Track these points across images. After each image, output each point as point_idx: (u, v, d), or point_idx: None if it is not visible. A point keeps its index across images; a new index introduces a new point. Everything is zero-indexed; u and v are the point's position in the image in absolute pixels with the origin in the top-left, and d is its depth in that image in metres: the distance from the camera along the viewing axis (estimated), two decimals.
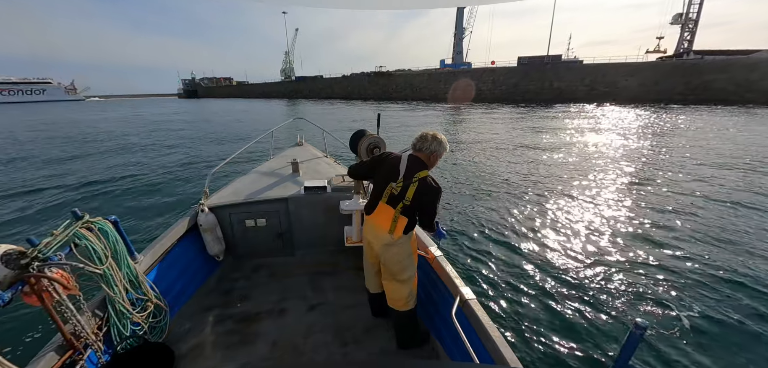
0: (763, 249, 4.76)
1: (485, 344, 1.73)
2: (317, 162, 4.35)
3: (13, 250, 1.49)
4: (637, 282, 4.05)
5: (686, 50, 52.36)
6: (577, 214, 6.11)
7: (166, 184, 8.52)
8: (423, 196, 2.01)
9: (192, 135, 18.77)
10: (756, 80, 33.10)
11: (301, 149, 4.84)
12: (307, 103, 57.33)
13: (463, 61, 70.49)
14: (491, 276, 4.20)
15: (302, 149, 4.85)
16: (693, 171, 8.92)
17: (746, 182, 7.86)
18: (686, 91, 36.13)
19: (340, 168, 4.22)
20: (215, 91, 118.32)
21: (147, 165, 10.58)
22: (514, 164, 9.99)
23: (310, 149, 4.92)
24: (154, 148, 13.57)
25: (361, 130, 2.77)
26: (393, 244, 2.13)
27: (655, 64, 40.84)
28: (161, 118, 32.67)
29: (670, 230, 5.40)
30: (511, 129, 18.09)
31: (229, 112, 38.98)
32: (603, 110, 29.35)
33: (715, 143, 12.84)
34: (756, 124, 18.40)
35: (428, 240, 2.63)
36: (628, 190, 7.47)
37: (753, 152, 11.02)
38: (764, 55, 37.01)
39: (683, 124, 18.60)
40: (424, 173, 2.02)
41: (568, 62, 47.78)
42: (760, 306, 3.61)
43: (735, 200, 6.65)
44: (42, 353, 1.64)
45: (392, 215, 2.06)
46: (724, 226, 5.50)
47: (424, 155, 2.07)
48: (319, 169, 4.05)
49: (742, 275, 4.12)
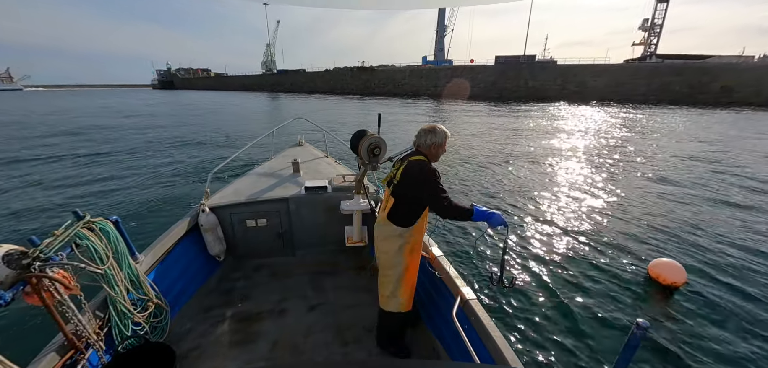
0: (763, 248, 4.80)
1: (486, 344, 1.71)
2: (318, 162, 4.30)
3: (15, 250, 1.45)
4: (638, 282, 3.97)
5: (650, 54, 55.34)
6: (577, 214, 6.02)
7: (167, 183, 8.27)
8: (410, 175, 1.92)
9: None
10: (707, 82, 35.57)
11: (302, 149, 4.79)
12: (288, 97, 56.15)
13: (444, 58, 71.22)
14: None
15: (303, 149, 4.79)
16: (688, 169, 9.27)
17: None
18: (647, 92, 38.26)
19: (340, 168, 4.18)
20: (193, 83, 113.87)
21: (147, 164, 10.29)
22: (511, 162, 10.12)
23: (310, 149, 4.86)
24: (154, 148, 13.17)
25: (361, 130, 2.74)
26: (382, 229, 2.10)
27: (621, 67, 42.88)
28: (107, 112, 30.15)
29: (669, 230, 5.34)
30: (501, 126, 18.48)
31: (205, 102, 37.59)
32: (578, 110, 30.04)
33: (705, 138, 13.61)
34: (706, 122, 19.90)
35: (429, 240, 2.56)
36: (626, 189, 7.46)
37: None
38: (715, 61, 39.79)
39: (652, 123, 19.76)
40: (416, 157, 1.98)
41: (542, 62, 49.28)
42: (760, 307, 3.57)
43: (734, 201, 6.70)
44: (43, 353, 1.60)
45: (386, 196, 2.13)
46: (718, 226, 5.49)
47: (424, 150, 2.01)
48: (319, 169, 4.01)
49: (743, 274, 4.16)
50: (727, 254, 4.72)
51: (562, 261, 4.46)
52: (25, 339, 2.99)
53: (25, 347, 2.81)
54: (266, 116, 26.93)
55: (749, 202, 6.79)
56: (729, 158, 10.77)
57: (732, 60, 39.90)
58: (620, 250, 4.78)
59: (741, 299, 3.76)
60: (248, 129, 18.27)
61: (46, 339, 1.67)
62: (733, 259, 4.58)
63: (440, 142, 1.99)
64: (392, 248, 2.06)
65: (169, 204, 6.78)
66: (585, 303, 3.62)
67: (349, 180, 3.30)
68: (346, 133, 16.05)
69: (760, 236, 5.28)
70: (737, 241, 5.09)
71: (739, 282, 4.05)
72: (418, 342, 2.39)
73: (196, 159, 10.86)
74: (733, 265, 4.44)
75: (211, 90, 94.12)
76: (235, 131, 17.26)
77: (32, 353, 1.61)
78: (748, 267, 4.40)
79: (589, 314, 3.45)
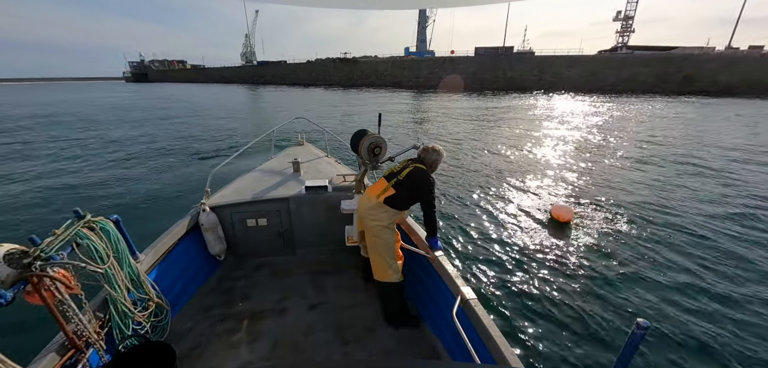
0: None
1: (486, 344, 1.69)
2: (318, 161, 4.26)
3: (16, 249, 1.42)
4: (639, 281, 3.96)
5: (622, 45, 57.35)
6: (578, 214, 5.90)
7: (167, 183, 8.05)
8: (415, 180, 2.26)
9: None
10: (672, 73, 37.39)
11: (302, 149, 4.72)
12: (270, 88, 54.73)
13: (426, 49, 71.11)
14: (491, 276, 4.06)
15: (303, 149, 4.73)
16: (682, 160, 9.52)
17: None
18: (616, 82, 39.82)
19: (341, 167, 4.14)
20: (168, 75, 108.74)
21: (148, 165, 10.01)
22: (504, 157, 10.08)
23: (311, 149, 4.80)
24: (155, 148, 12.74)
25: (362, 129, 2.75)
26: (374, 208, 2.28)
27: (593, 57, 44.32)
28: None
29: (670, 229, 5.31)
30: (476, 117, 18.82)
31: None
32: (550, 102, 30.37)
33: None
34: (675, 108, 21.25)
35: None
36: (625, 188, 7.38)
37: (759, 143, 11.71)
38: (679, 52, 41.79)
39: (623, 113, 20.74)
40: (420, 166, 2.31)
41: (520, 53, 50.21)
42: (761, 306, 3.58)
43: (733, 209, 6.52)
44: (44, 352, 1.58)
45: (384, 185, 2.32)
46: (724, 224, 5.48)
47: (427, 162, 2.38)
48: (320, 169, 3.97)
49: (614, 211, 4.73)
50: (607, 197, 6.56)
51: (563, 261, 4.40)
52: (25, 339, 2.91)
53: (25, 346, 2.77)
54: (246, 107, 26.56)
55: (634, 165, 8.68)
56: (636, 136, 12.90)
57: (694, 51, 42.03)
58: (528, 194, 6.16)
59: (609, 226, 5.35)
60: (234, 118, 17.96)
61: (46, 339, 1.64)
62: (611, 199, 6.42)
63: (440, 159, 2.41)
64: (382, 221, 2.28)
65: (170, 203, 6.64)
66: (586, 303, 3.59)
67: (350, 179, 3.28)
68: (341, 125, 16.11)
69: (629, 183, 7.27)
70: (618, 189, 6.99)
71: (611, 215, 5.68)
72: (418, 342, 2.37)
73: (196, 158, 10.63)
74: (612, 203, 6.23)
75: (189, 82, 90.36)
76: (220, 126, 16.88)
77: (33, 352, 1.58)
78: (619, 204, 6.13)
79: (590, 314, 3.41)
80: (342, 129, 14.83)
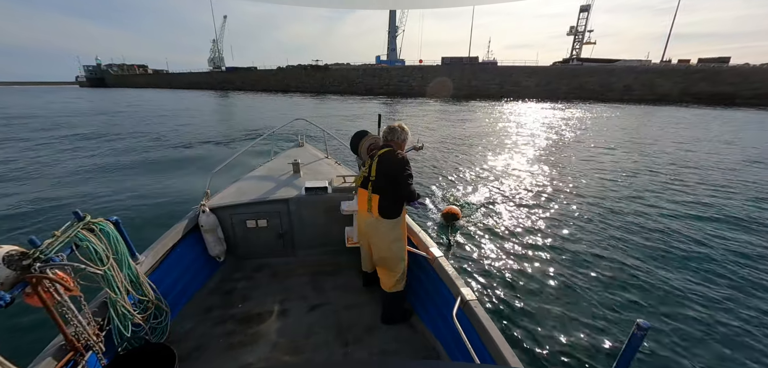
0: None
1: (486, 344, 1.67)
2: (318, 163, 4.20)
3: (15, 251, 1.35)
4: (640, 281, 3.92)
5: (574, 57, 61.90)
6: (578, 213, 5.91)
7: (167, 184, 7.64)
8: (386, 168, 2.13)
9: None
10: (613, 83, 41.04)
11: (302, 150, 4.65)
12: (240, 95, 52.73)
13: (397, 58, 72.22)
14: (491, 276, 4.02)
15: (303, 150, 4.66)
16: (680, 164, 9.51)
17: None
18: (568, 91, 42.92)
19: (341, 169, 4.09)
20: (128, 80, 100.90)
21: (148, 164, 9.52)
22: (501, 158, 10.33)
23: (310, 150, 4.72)
24: (155, 147, 12.03)
25: (362, 130, 2.71)
26: (377, 224, 2.21)
27: (547, 68, 47.39)
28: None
29: (670, 229, 5.30)
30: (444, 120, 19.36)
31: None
32: (505, 107, 31.23)
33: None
34: (615, 116, 23.03)
35: (428, 240, 2.61)
36: (623, 189, 7.42)
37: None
38: (620, 64, 45.88)
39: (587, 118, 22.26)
40: (384, 149, 2.17)
41: (483, 63, 52.41)
42: (762, 306, 3.56)
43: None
44: (43, 354, 1.51)
45: (366, 196, 2.23)
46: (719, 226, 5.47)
47: (393, 143, 2.27)
48: (320, 170, 3.91)
49: (742, 274, 4.13)
50: (607, 197, 6.78)
51: (563, 261, 4.34)
52: (25, 341, 2.79)
53: (25, 348, 2.66)
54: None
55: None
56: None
57: (634, 63, 46.32)
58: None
59: (492, 218, 5.66)
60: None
61: (45, 341, 1.57)
62: (611, 199, 6.62)
63: (406, 136, 2.31)
64: (389, 238, 2.22)
65: (170, 204, 6.33)
66: (586, 303, 3.56)
67: (350, 180, 3.25)
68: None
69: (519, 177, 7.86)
70: (618, 189, 7.18)
71: (492, 209, 6.04)
72: (418, 342, 2.33)
73: (196, 159, 10.19)
74: (612, 203, 6.40)
75: (152, 88, 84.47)
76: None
77: (32, 354, 1.51)
78: (620, 203, 6.37)
79: (591, 314, 3.38)
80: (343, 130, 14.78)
